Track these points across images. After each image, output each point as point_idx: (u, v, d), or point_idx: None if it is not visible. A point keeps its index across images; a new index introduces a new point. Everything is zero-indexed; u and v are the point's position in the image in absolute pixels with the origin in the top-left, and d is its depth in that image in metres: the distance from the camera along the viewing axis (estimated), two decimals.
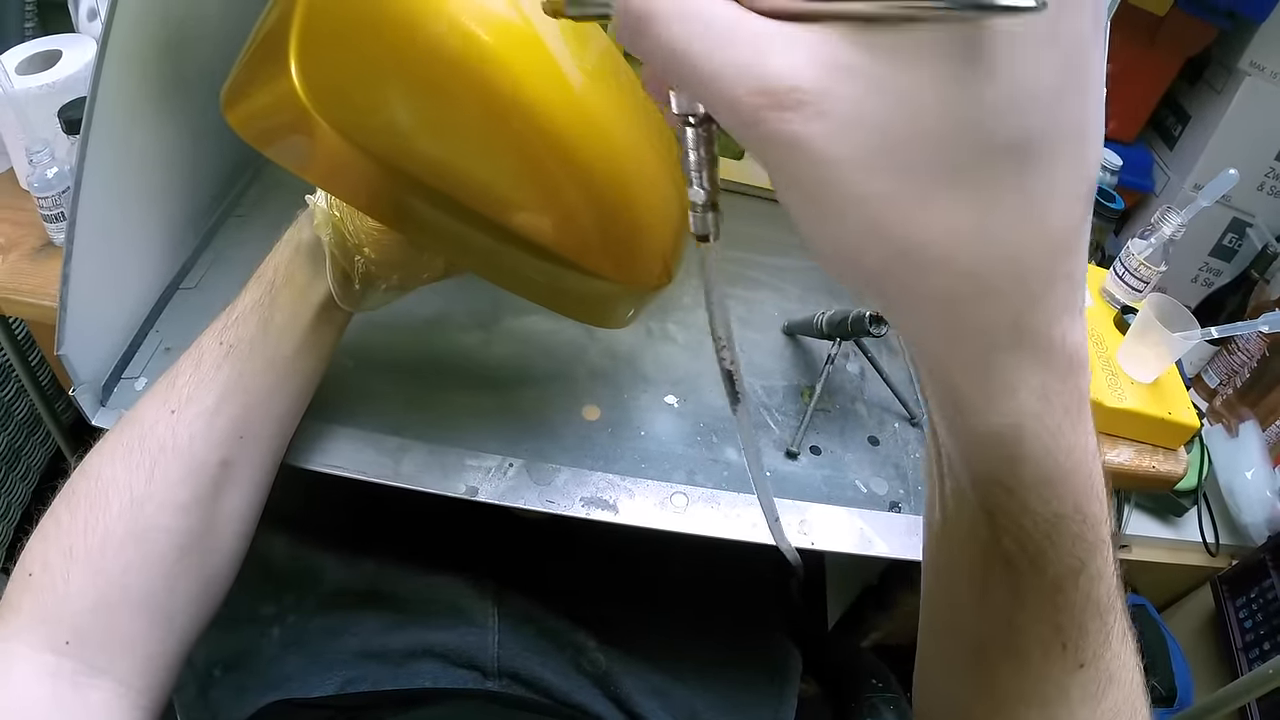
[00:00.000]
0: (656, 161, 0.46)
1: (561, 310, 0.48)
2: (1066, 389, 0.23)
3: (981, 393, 0.23)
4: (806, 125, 0.19)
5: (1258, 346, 1.13)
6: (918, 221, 0.20)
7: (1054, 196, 0.20)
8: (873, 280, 0.21)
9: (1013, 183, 0.20)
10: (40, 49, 0.78)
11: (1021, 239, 0.20)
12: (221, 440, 0.44)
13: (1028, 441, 0.24)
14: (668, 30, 0.20)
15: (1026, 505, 0.25)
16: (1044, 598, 0.27)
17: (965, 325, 0.22)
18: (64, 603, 0.40)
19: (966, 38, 0.18)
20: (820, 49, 0.19)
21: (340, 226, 0.44)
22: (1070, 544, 0.26)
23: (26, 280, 0.71)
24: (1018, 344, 0.22)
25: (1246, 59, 1.12)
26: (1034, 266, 0.21)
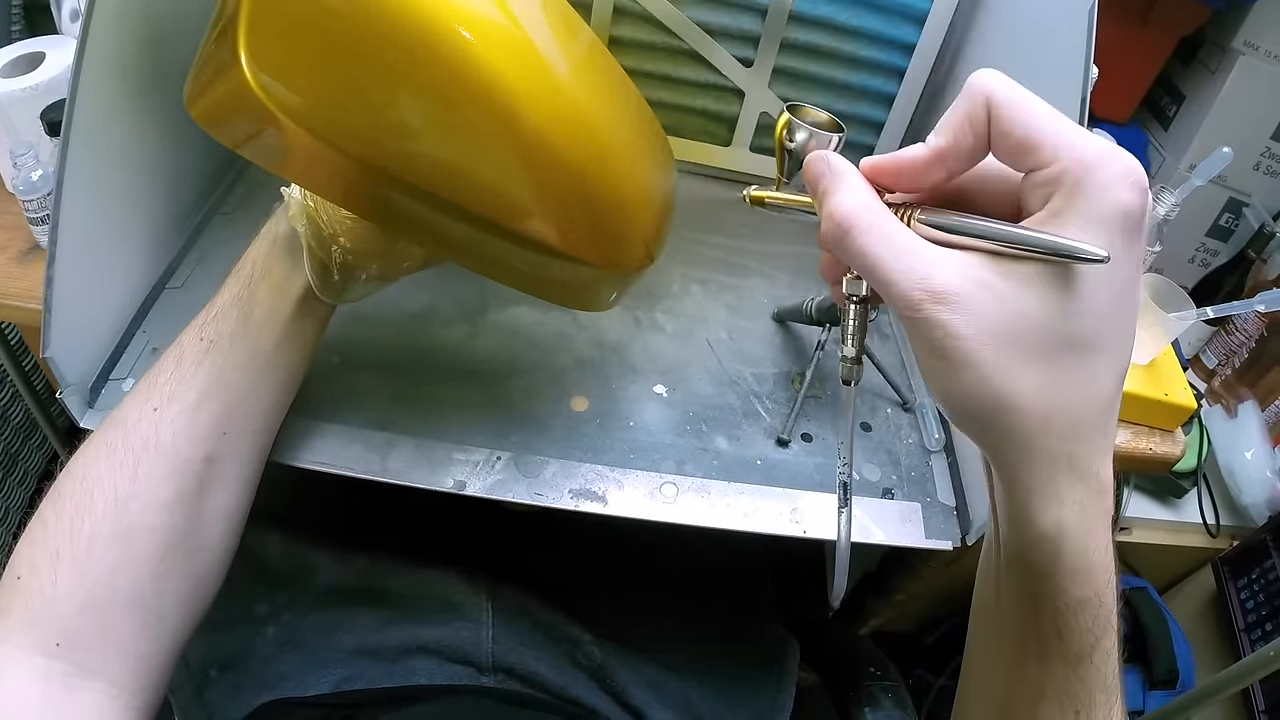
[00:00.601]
0: (639, 144, 0.46)
1: (544, 296, 0.47)
2: (1098, 505, 0.32)
3: (1040, 498, 0.31)
4: (950, 314, 0.29)
5: (1256, 326, 1.12)
6: (1014, 381, 0.29)
7: (1101, 374, 0.30)
8: (981, 421, 0.31)
9: (1077, 364, 0.30)
10: (24, 51, 0.77)
11: (1080, 400, 0.30)
12: (205, 436, 0.44)
13: (1068, 539, 0.32)
14: (863, 240, 0.30)
15: (1062, 588, 0.33)
16: (1067, 667, 0.35)
17: (1036, 451, 0.30)
18: (52, 605, 0.40)
19: (1058, 271, 0.29)
20: (965, 267, 0.29)
21: (315, 217, 0.44)
22: (1090, 623, 0.34)
23: (14, 284, 0.71)
24: (1069, 469, 0.31)
25: (1240, 38, 1.11)
26: (1084, 418, 0.30)
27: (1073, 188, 0.28)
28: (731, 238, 0.78)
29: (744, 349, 0.67)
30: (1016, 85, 0.30)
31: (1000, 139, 0.30)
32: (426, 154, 0.39)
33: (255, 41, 0.35)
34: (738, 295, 0.72)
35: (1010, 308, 0.29)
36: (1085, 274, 0.29)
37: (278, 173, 0.41)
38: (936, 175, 0.32)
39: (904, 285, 0.29)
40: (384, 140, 0.39)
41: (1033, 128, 0.29)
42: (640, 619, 0.62)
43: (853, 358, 0.36)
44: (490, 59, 0.36)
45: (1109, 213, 0.28)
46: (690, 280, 0.72)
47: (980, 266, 0.29)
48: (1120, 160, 0.28)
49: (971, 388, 0.29)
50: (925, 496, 0.58)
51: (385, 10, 0.34)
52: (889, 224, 0.30)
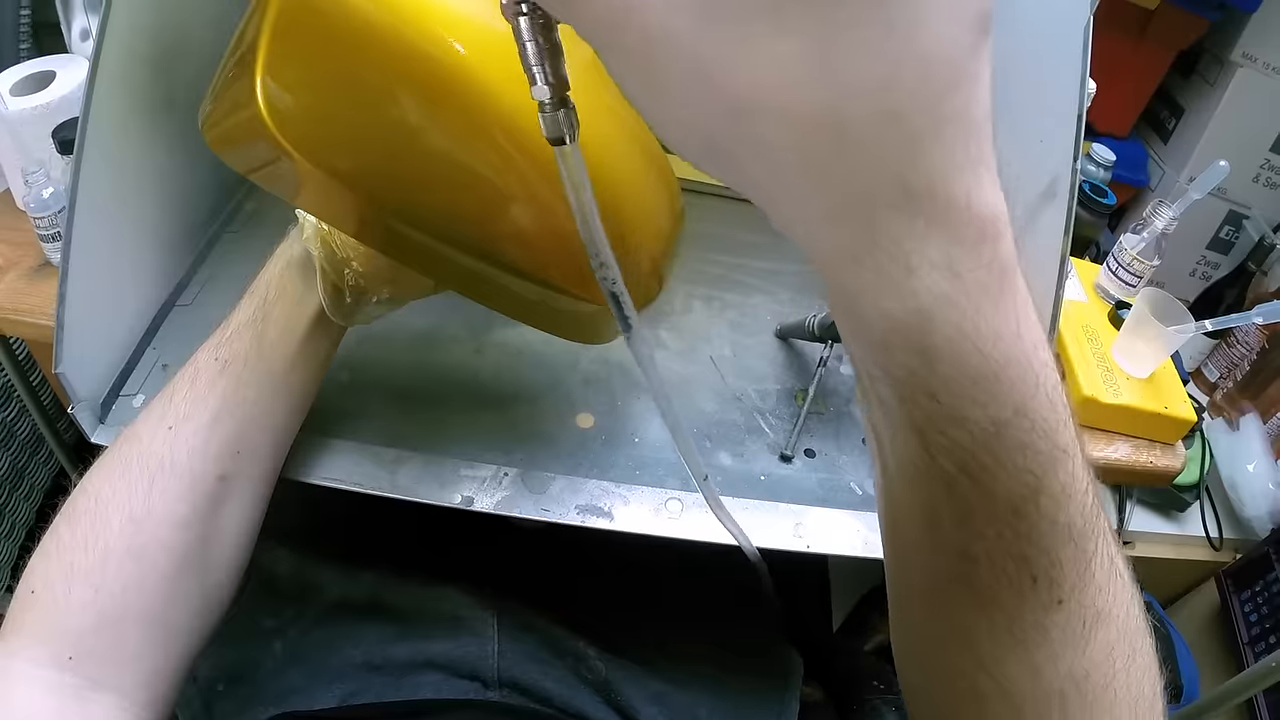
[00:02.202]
0: (644, 170, 0.46)
1: (551, 329, 0.48)
2: (980, 262, 0.20)
3: (873, 274, 0.19)
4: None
5: (1257, 339, 1.13)
6: (743, 63, 0.16)
7: (922, 19, 0.17)
8: (717, 150, 0.18)
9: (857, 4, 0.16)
10: (34, 70, 0.78)
11: (882, 72, 0.17)
12: (219, 455, 0.44)
13: (938, 329, 0.20)
14: None
15: (954, 411, 0.21)
16: (1000, 523, 0.24)
17: (836, 188, 0.18)
18: (66, 619, 0.40)
19: None
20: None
21: (329, 240, 0.45)
22: (1018, 457, 0.22)
23: (25, 300, 0.71)
24: (907, 207, 0.18)
25: (1239, 50, 1.12)
26: (906, 105, 0.17)
27: None
28: (734, 255, 0.78)
29: (747, 365, 0.67)
30: None
31: None
32: (438, 192, 0.39)
33: (272, 76, 0.36)
34: (740, 312, 0.72)
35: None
36: None
37: (290, 201, 0.42)
38: None
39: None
40: (396, 177, 0.39)
41: None
42: (646, 633, 0.62)
43: (550, 99, 0.25)
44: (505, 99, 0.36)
45: None
46: (693, 297, 0.73)
47: None
48: None
49: (685, 99, 0.18)
50: None
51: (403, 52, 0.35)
52: None
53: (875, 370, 0.22)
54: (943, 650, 0.29)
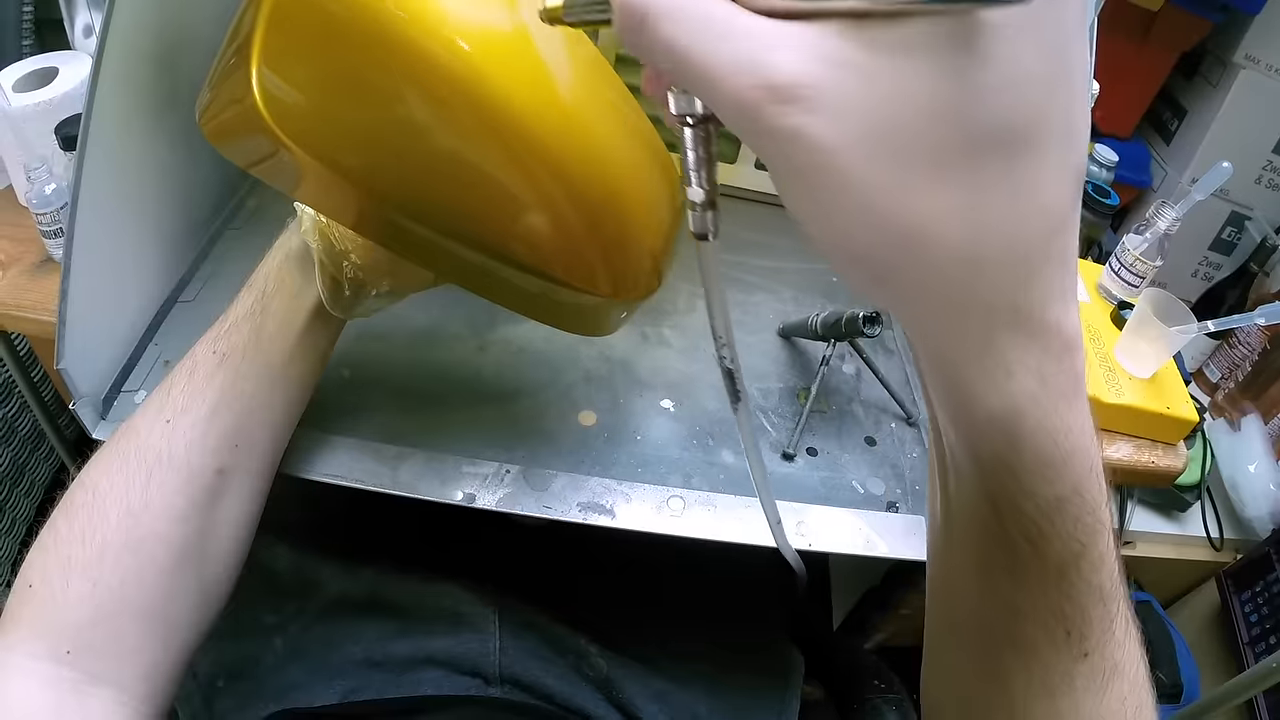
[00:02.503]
0: (646, 164, 0.46)
1: (552, 322, 0.48)
2: (1062, 370, 0.24)
3: (981, 375, 0.23)
4: (806, 117, 0.19)
5: (1259, 340, 1.13)
6: (913, 206, 0.20)
7: (1042, 180, 0.21)
8: (873, 267, 0.22)
9: (1001, 166, 0.20)
10: (37, 66, 0.78)
11: (1013, 221, 0.21)
12: (216, 448, 0.44)
13: (1026, 423, 0.24)
14: (667, 28, 0.20)
15: (1027, 487, 0.25)
16: (1047, 583, 0.27)
17: (963, 307, 0.22)
18: (63, 613, 0.40)
19: (954, 29, 0.19)
20: (815, 44, 0.19)
21: (327, 233, 0.45)
22: (1071, 526, 0.26)
23: (27, 296, 0.71)
24: (1014, 325, 0.23)
25: (1241, 52, 1.12)
26: (1026, 247, 0.21)
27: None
28: (737, 254, 0.78)
29: (750, 364, 0.67)
30: None
31: None
32: (437, 185, 0.39)
33: (269, 69, 0.36)
34: (743, 311, 0.72)
35: (890, 93, 0.19)
36: (997, 25, 0.19)
37: (289, 194, 0.42)
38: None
39: (732, 82, 0.20)
40: (395, 171, 0.39)
41: None
42: (646, 631, 0.62)
43: (703, 201, 0.26)
44: (505, 92, 0.36)
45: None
46: (697, 296, 0.73)
47: (840, 39, 0.19)
48: None
49: (854, 221, 0.21)
50: None
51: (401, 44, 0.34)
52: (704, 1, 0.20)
53: (963, 448, 0.27)
54: (979, 692, 0.32)
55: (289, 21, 0.35)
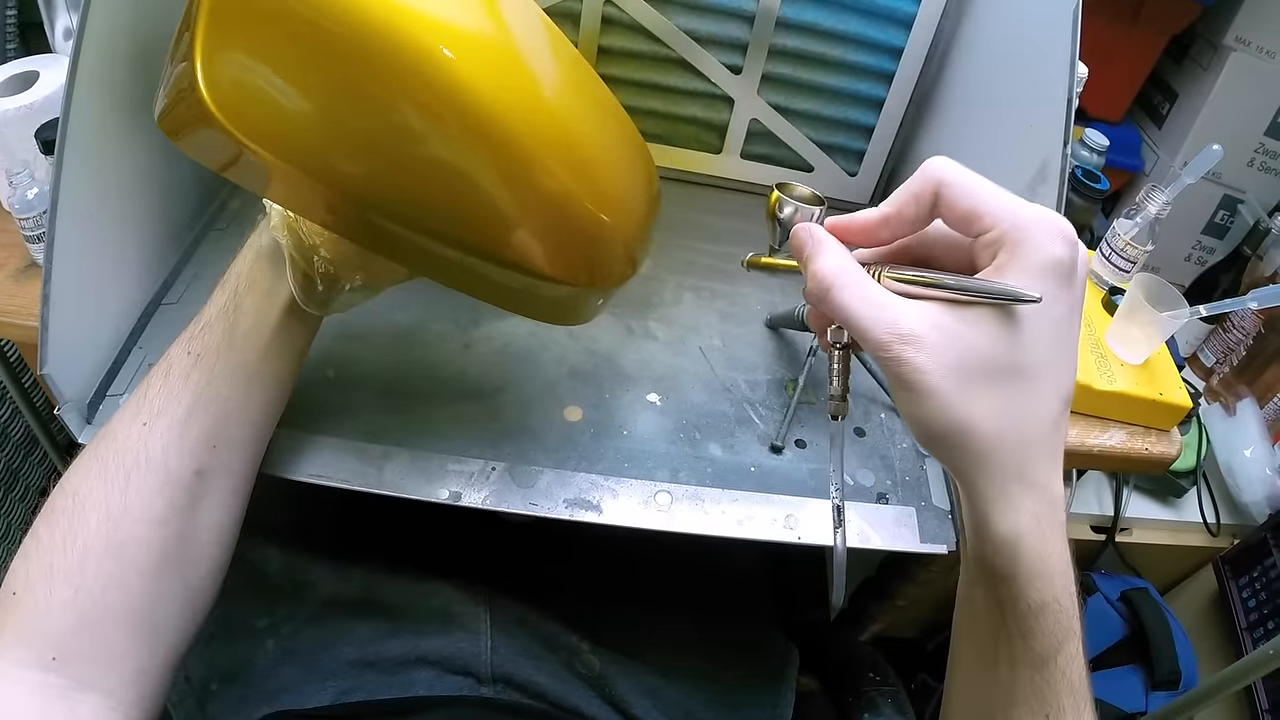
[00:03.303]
0: (620, 151, 0.45)
1: (528, 313, 0.47)
2: (1051, 515, 0.36)
3: (998, 509, 0.36)
4: (915, 353, 0.34)
5: (1253, 324, 1.12)
6: (969, 406, 0.34)
7: (1045, 397, 0.35)
8: (943, 442, 0.35)
9: (1023, 389, 0.35)
10: (18, 70, 0.78)
11: (1027, 420, 0.35)
12: (194, 450, 0.44)
13: (1024, 545, 0.36)
14: (842, 295, 0.36)
15: (1022, 592, 0.36)
16: (1034, 669, 0.37)
17: (993, 467, 0.35)
18: (47, 620, 0.40)
19: (1002, 312, 0.34)
20: (926, 313, 0.34)
21: (295, 228, 0.44)
22: (1051, 626, 0.37)
23: (11, 301, 0.71)
24: (1021, 481, 0.35)
25: (1232, 34, 1.11)
26: (1034, 436, 0.35)
27: (1013, 246, 0.34)
28: (723, 245, 0.78)
29: (737, 356, 0.67)
30: (964, 169, 0.36)
31: (950, 211, 0.36)
32: (401, 177, 0.39)
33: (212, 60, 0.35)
34: (730, 302, 0.72)
35: (964, 344, 0.34)
36: (1025, 313, 0.34)
37: (260, 194, 0.41)
38: (884, 235, 0.39)
39: (876, 330, 0.34)
40: (357, 164, 0.38)
41: (978, 201, 0.35)
42: (638, 627, 0.62)
43: (839, 396, 0.40)
44: (470, 77, 0.36)
45: (1043, 263, 0.34)
46: (683, 288, 0.73)
47: (938, 312, 0.34)
48: (1052, 221, 0.34)
49: (934, 412, 0.34)
50: (919, 500, 0.59)
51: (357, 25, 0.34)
52: (863, 281, 0.36)
53: (981, 559, 0.38)
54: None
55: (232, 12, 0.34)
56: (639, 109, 0.79)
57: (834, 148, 0.84)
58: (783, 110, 0.81)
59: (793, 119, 0.82)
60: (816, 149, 0.84)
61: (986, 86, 0.70)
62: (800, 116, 0.82)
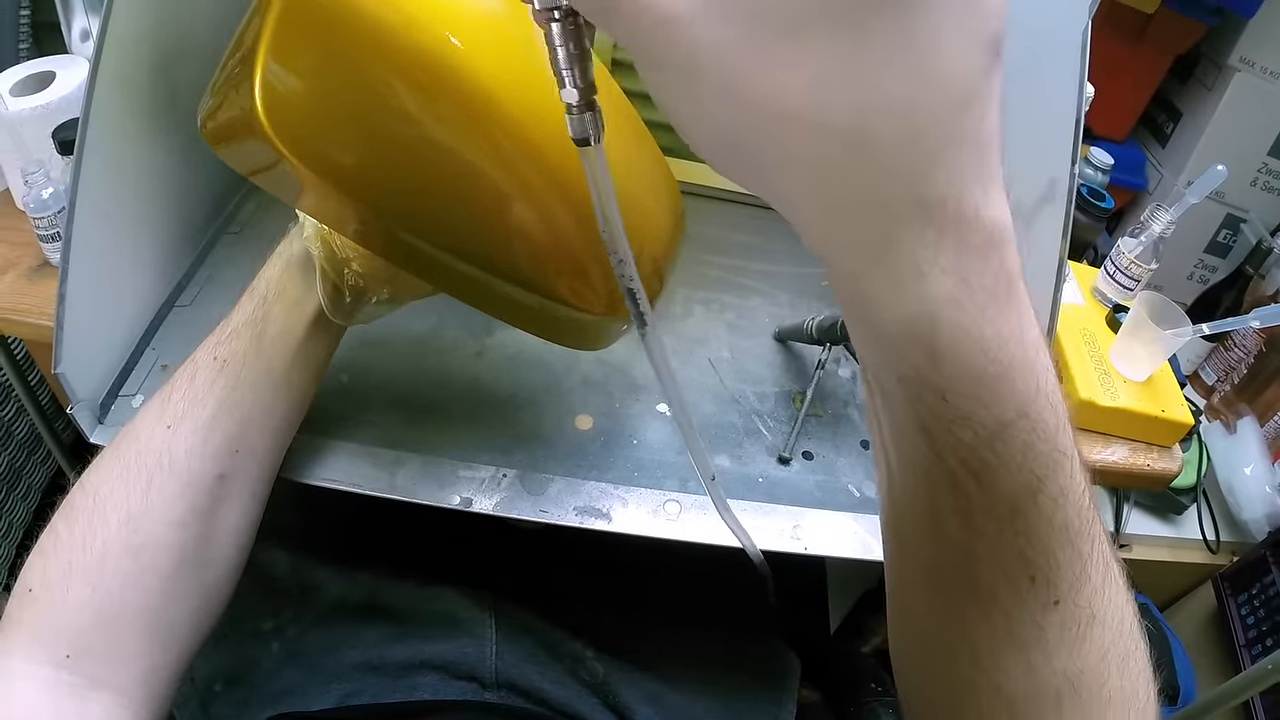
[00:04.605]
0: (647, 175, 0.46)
1: (550, 337, 0.48)
2: (989, 268, 0.21)
3: (886, 278, 0.20)
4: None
5: (1254, 342, 1.13)
6: (777, 77, 0.17)
7: (941, 42, 0.18)
8: (741, 155, 0.20)
9: (882, 25, 0.17)
10: (34, 70, 0.78)
11: (903, 91, 0.18)
12: (217, 454, 0.44)
13: (945, 331, 0.21)
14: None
15: (960, 410, 0.22)
16: (1000, 520, 0.24)
17: (853, 197, 0.19)
18: (63, 617, 0.40)
19: None
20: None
21: (328, 240, 0.45)
22: (1019, 456, 0.23)
23: (24, 300, 0.71)
24: (920, 217, 0.20)
25: (1236, 55, 1.12)
26: (924, 123, 0.18)
27: None
28: (733, 258, 0.78)
29: (745, 368, 0.68)
30: None
31: None
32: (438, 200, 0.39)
33: (272, 79, 0.36)
34: (739, 315, 0.73)
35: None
36: None
37: (290, 203, 0.42)
38: None
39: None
40: (394, 185, 0.39)
41: None
42: (643, 635, 0.62)
43: (578, 103, 0.25)
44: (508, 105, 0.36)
45: None
46: (693, 301, 0.73)
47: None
48: None
49: (714, 100, 0.19)
50: None
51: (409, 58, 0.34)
52: None
53: (885, 372, 0.23)
54: (941, 648, 0.29)
55: (296, 31, 0.35)
56: (651, 122, 0.80)
57: None
58: None
59: None
60: None
61: None
62: None
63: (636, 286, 0.29)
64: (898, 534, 0.30)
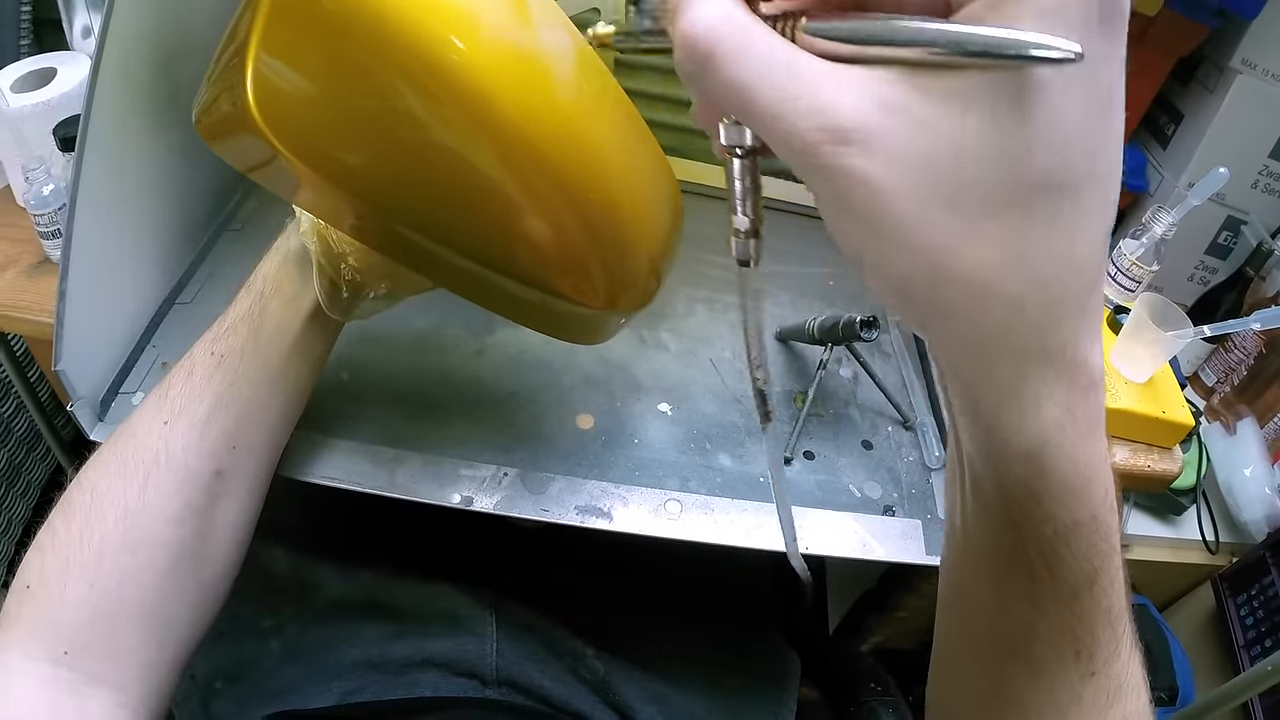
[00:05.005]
0: (646, 171, 0.46)
1: (549, 331, 0.48)
2: (1088, 404, 0.25)
3: (1013, 410, 0.24)
4: (861, 159, 0.20)
5: (1254, 344, 1.13)
6: (962, 250, 0.21)
7: (1082, 230, 0.22)
8: (915, 303, 0.23)
9: (1047, 216, 0.21)
10: (35, 67, 0.78)
11: (1055, 268, 0.22)
12: (214, 450, 0.44)
13: (1052, 454, 0.25)
14: (730, 68, 0.21)
15: (1049, 513, 0.26)
16: (1062, 604, 0.29)
17: (1000, 347, 0.23)
18: (61, 613, 0.40)
19: (1006, 83, 0.20)
20: (873, 90, 0.20)
21: (325, 235, 0.44)
22: (1086, 550, 0.27)
23: (24, 297, 0.71)
24: (1044, 361, 0.24)
25: (1238, 57, 1.12)
26: (1065, 293, 0.23)
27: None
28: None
29: (747, 368, 0.67)
30: None
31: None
32: (435, 195, 0.39)
33: (264, 72, 0.35)
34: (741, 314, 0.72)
35: (943, 140, 0.20)
36: (1047, 83, 0.20)
37: (287, 199, 0.42)
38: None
39: (791, 123, 0.21)
40: (392, 180, 0.39)
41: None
42: (643, 633, 0.62)
43: (747, 230, 0.27)
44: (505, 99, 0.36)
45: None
46: (695, 300, 0.73)
47: (896, 86, 0.20)
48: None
49: (903, 258, 0.22)
50: (926, 514, 0.59)
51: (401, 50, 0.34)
52: (764, 40, 0.21)
53: (990, 476, 0.27)
54: (986, 706, 0.33)
55: (288, 25, 0.34)
56: (654, 121, 0.79)
57: None
58: None
59: None
60: None
61: None
62: None
63: (767, 388, 0.33)
64: (962, 605, 0.34)
